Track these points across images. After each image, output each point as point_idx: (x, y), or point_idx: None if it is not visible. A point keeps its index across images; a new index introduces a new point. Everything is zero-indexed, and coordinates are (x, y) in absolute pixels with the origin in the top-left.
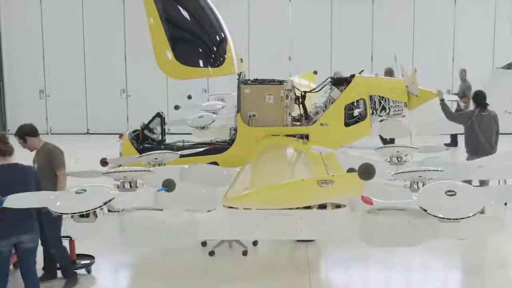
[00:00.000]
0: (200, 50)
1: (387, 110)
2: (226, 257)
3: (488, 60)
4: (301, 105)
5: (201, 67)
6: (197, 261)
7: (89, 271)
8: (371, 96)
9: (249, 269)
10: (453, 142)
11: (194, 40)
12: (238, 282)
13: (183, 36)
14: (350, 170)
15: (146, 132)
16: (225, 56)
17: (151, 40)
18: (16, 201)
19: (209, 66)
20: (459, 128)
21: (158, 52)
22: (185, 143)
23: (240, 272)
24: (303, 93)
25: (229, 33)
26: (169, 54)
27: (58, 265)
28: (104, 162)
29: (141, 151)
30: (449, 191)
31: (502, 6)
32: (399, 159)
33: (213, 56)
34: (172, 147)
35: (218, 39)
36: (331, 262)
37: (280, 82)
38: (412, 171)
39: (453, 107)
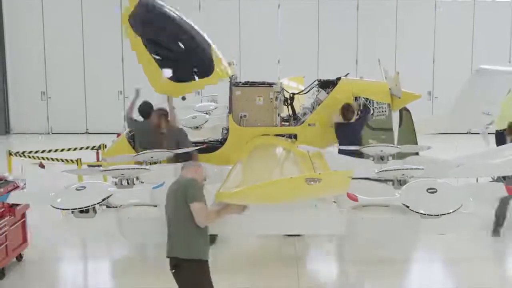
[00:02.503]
0: (188, 65)
1: (371, 111)
2: (217, 251)
3: (467, 62)
4: (289, 106)
5: (192, 81)
6: None
7: None
8: (356, 98)
9: (240, 263)
10: None
11: (180, 57)
12: (228, 275)
13: (169, 56)
14: None
15: None
16: (213, 64)
17: (142, 68)
18: (19, 197)
19: (198, 78)
20: (445, 127)
21: (150, 77)
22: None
23: (230, 265)
24: (291, 95)
25: (211, 41)
26: (161, 75)
27: None
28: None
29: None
30: (430, 188)
31: (481, 11)
32: (383, 158)
33: (202, 68)
34: None
35: (202, 50)
36: (318, 256)
37: (270, 85)
38: (395, 170)
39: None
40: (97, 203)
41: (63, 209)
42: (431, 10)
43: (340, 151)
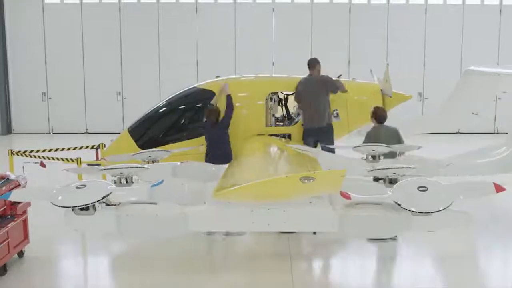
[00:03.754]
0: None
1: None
2: (208, 247)
3: (456, 64)
4: (284, 107)
5: None
6: (183, 251)
7: None
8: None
9: (235, 258)
10: None
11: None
12: (223, 270)
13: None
14: None
15: None
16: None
17: None
18: (21, 195)
19: None
20: (435, 127)
21: None
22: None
23: (225, 261)
24: (285, 95)
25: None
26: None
27: None
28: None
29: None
30: (421, 187)
31: (470, 15)
32: (375, 157)
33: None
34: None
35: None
36: (311, 252)
37: None
38: (386, 168)
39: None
40: (97, 201)
41: (64, 206)
42: (422, 14)
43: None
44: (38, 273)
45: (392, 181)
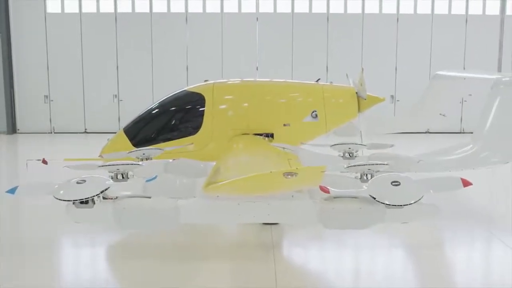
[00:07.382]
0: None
1: None
2: (199, 238)
3: (425, 68)
4: None
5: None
6: (169, 240)
7: None
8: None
9: (220, 248)
10: None
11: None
12: (209, 259)
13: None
14: None
15: None
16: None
17: None
18: (25, 191)
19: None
20: (406, 127)
21: None
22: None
23: (211, 250)
24: None
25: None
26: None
27: None
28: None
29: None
30: (394, 181)
31: (438, 23)
32: (351, 154)
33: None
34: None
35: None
36: (292, 242)
37: None
38: (362, 165)
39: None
40: (96, 195)
41: (65, 200)
42: (394, 23)
43: None
44: (38, 266)
45: (368, 177)
